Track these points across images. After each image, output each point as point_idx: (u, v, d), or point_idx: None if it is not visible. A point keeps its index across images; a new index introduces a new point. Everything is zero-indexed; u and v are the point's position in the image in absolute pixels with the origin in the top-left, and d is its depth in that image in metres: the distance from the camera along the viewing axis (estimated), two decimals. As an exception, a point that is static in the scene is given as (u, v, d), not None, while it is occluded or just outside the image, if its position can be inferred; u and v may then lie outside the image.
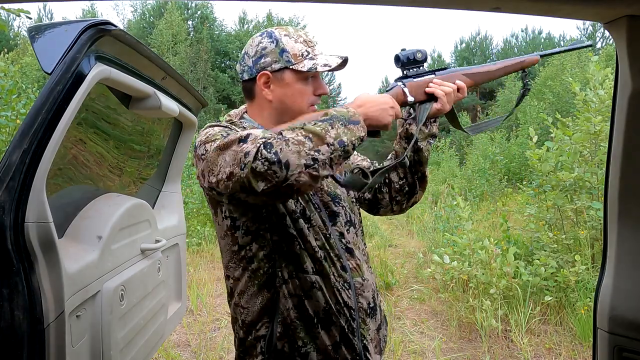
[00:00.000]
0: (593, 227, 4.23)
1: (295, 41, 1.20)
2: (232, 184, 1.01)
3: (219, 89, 30.89)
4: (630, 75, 1.03)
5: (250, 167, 0.97)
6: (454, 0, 1.01)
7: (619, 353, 1.11)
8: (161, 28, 28.05)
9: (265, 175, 0.96)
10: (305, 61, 1.19)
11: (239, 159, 0.99)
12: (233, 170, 1.00)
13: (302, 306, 1.17)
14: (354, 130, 1.05)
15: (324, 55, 1.21)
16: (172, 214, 2.39)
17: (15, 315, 1.13)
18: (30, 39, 1.21)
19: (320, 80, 1.24)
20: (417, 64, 1.28)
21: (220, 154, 1.03)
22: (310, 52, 1.21)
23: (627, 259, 1.12)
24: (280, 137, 0.99)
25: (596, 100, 4.22)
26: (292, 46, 1.19)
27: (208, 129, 1.16)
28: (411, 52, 1.27)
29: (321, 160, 0.99)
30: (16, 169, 1.12)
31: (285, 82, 1.20)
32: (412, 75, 1.28)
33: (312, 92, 1.22)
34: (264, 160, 0.96)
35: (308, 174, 0.98)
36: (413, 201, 1.41)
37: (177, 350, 3.56)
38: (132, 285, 1.73)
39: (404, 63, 1.28)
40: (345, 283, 1.20)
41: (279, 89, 1.21)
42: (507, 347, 3.55)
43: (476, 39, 40.17)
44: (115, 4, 33.82)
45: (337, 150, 1.01)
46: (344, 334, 1.19)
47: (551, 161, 4.50)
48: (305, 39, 1.22)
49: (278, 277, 1.17)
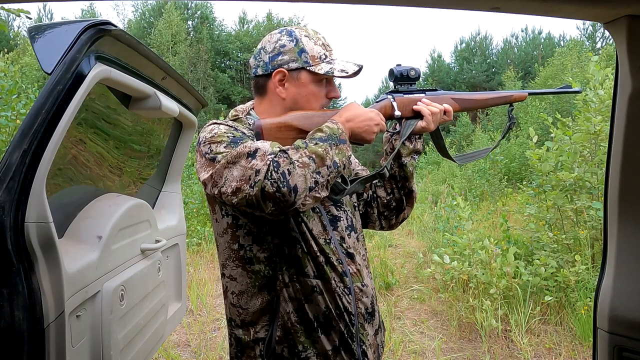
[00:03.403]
0: (593, 227, 4.23)
1: (315, 43, 1.21)
2: (238, 200, 1.03)
3: (219, 89, 30.88)
4: (630, 75, 1.03)
5: (260, 186, 0.98)
6: (454, 0, 1.01)
7: (619, 353, 1.11)
8: (160, 28, 28.04)
9: (274, 198, 0.99)
10: (322, 64, 1.20)
11: (248, 176, 1.00)
12: (241, 187, 1.01)
13: (303, 310, 1.16)
14: (343, 150, 1.09)
15: (341, 61, 1.22)
16: (172, 214, 2.39)
17: (15, 315, 1.13)
18: (30, 39, 1.21)
19: (334, 84, 1.26)
20: (409, 81, 1.31)
21: (227, 167, 1.04)
22: (328, 56, 1.22)
23: (627, 259, 1.12)
24: (286, 156, 1.01)
25: (596, 100, 4.22)
26: (311, 47, 1.20)
27: (213, 126, 1.15)
28: (405, 69, 1.30)
29: (321, 182, 1.04)
30: (16, 169, 1.12)
31: (301, 82, 1.20)
32: (403, 91, 1.30)
33: (325, 94, 1.24)
34: (273, 182, 0.98)
35: (312, 197, 1.03)
36: (402, 217, 1.41)
37: (177, 350, 3.56)
38: (132, 285, 1.73)
39: (397, 78, 1.30)
40: (346, 288, 1.20)
41: (293, 88, 1.20)
42: (507, 347, 3.55)
43: (476, 39, 40.15)
44: (115, 4, 33.81)
45: (333, 172, 1.06)
46: (343, 339, 1.18)
47: (551, 161, 4.50)
48: (324, 42, 1.23)
49: (279, 280, 1.16)
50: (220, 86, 30.94)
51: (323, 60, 1.20)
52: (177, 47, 27.76)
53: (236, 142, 1.08)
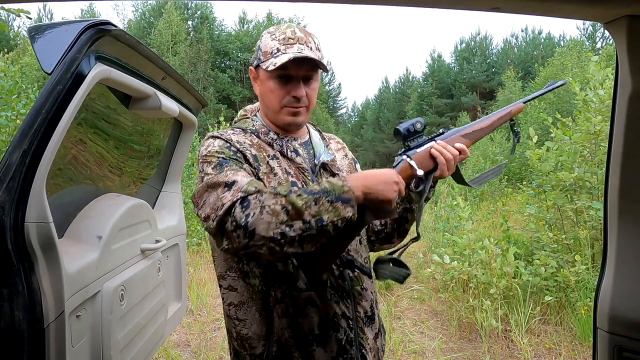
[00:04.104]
0: (593, 227, 4.23)
1: (273, 39, 1.18)
2: (206, 226, 1.04)
3: (219, 89, 30.89)
4: (630, 75, 1.03)
5: (219, 220, 0.98)
6: (454, 0, 1.01)
7: (619, 353, 1.11)
8: (160, 28, 28.05)
9: (229, 236, 0.97)
10: (271, 59, 1.16)
11: (216, 207, 1.00)
12: (209, 215, 1.02)
13: (297, 325, 1.15)
14: (339, 209, 0.98)
15: (294, 53, 1.13)
16: (172, 214, 2.39)
17: (15, 315, 1.13)
18: (30, 39, 1.21)
19: (296, 81, 1.18)
20: (417, 134, 1.23)
21: (207, 191, 1.05)
22: (281, 50, 1.15)
23: (627, 259, 1.12)
24: (260, 199, 0.97)
25: (596, 100, 4.22)
26: (265, 44, 1.19)
27: (210, 141, 1.16)
28: (410, 124, 1.23)
29: (290, 237, 0.95)
30: (16, 169, 1.12)
31: (260, 79, 1.22)
32: (415, 146, 1.23)
33: (286, 92, 1.18)
34: (233, 220, 0.96)
35: (270, 248, 0.96)
36: (386, 247, 1.38)
37: (177, 350, 3.56)
38: (132, 285, 1.73)
39: (405, 136, 1.22)
40: (344, 292, 1.19)
41: (257, 85, 1.25)
42: (507, 347, 3.55)
43: (476, 39, 40.16)
44: (115, 4, 33.81)
45: (312, 229, 0.96)
46: (341, 346, 1.17)
47: (551, 161, 4.50)
48: (287, 36, 1.17)
49: (271, 297, 1.15)
50: (220, 86, 30.95)
51: (273, 55, 1.15)
52: (177, 47, 27.76)
53: (222, 165, 1.08)
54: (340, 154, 1.40)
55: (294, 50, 1.15)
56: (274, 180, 1.17)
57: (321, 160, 1.27)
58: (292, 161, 1.22)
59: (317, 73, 1.22)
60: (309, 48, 1.17)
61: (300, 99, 1.18)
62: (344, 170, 1.35)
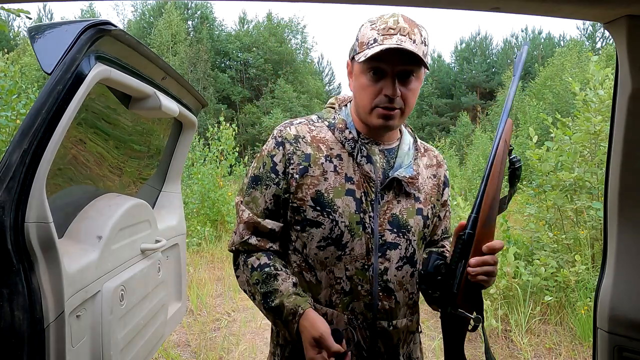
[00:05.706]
0: (593, 227, 4.23)
1: (373, 28, 1.03)
2: None
3: (219, 89, 30.89)
4: (630, 75, 1.03)
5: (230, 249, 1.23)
6: (454, 0, 1.01)
7: (619, 353, 1.11)
8: (160, 28, 28.06)
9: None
10: (365, 50, 1.02)
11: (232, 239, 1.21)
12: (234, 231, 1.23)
13: None
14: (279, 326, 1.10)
15: (386, 45, 0.99)
16: (172, 214, 2.39)
17: (15, 315, 1.13)
18: (30, 39, 1.21)
19: (390, 78, 1.03)
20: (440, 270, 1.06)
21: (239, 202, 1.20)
22: (378, 40, 1.01)
23: (627, 259, 1.12)
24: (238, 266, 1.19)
25: (596, 100, 4.22)
26: (364, 33, 1.05)
27: (272, 135, 1.18)
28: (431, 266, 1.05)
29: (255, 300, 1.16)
30: (16, 169, 1.12)
31: (355, 74, 1.09)
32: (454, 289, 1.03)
33: (379, 89, 1.04)
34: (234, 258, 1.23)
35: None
36: None
37: (177, 350, 3.56)
38: (132, 285, 1.73)
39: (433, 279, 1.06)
40: (364, 322, 1.10)
41: (352, 80, 1.12)
42: (507, 347, 3.54)
43: (476, 39, 40.16)
44: (115, 4, 33.82)
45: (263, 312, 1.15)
46: None
47: (551, 161, 4.50)
48: (390, 25, 1.01)
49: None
50: (220, 86, 30.95)
51: (368, 46, 1.01)
52: (177, 47, 27.77)
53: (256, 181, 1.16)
54: (428, 172, 1.21)
55: (392, 41, 0.99)
56: (321, 184, 1.09)
57: (395, 175, 1.11)
58: (360, 167, 1.10)
59: (419, 71, 1.06)
60: (411, 40, 1.00)
61: (393, 98, 1.03)
62: (424, 192, 1.17)
